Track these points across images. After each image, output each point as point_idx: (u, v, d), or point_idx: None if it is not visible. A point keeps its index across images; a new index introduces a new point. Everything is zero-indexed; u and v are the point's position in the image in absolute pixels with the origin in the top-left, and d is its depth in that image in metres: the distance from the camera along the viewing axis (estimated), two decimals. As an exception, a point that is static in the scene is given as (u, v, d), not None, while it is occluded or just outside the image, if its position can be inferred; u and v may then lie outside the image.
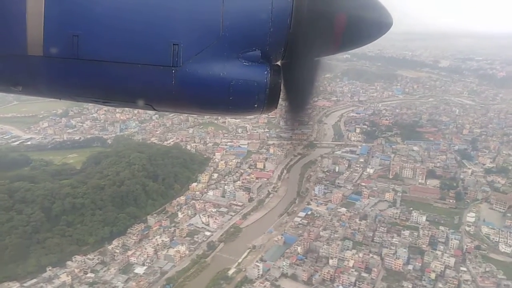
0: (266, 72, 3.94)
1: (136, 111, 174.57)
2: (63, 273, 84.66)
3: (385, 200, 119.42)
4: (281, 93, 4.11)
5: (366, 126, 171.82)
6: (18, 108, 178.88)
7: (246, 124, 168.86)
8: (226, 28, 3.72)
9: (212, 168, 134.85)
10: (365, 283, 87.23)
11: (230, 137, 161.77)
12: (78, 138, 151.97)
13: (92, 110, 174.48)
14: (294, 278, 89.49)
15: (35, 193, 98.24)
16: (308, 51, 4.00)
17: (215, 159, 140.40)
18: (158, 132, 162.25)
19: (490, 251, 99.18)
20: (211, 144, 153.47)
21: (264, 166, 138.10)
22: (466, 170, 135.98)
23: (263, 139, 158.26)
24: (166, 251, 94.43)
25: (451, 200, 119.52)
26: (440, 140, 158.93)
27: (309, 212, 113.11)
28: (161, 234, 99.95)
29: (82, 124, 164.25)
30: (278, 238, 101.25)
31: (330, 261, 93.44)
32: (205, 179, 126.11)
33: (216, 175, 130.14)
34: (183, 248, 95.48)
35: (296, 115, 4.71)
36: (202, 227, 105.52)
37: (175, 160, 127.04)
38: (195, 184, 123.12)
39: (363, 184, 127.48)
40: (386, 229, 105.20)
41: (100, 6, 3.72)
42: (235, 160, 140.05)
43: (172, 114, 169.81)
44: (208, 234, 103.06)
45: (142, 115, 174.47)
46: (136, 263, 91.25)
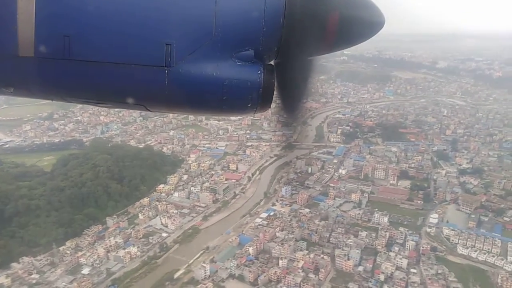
0: (259, 72, 3.92)
1: (121, 113, 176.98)
2: (3, 275, 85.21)
3: (351, 201, 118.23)
4: (274, 92, 4.10)
5: (349, 128, 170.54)
6: (6, 111, 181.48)
7: (228, 126, 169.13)
8: (219, 28, 3.71)
9: (184, 169, 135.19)
10: (309, 284, 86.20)
11: (210, 139, 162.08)
12: (57, 140, 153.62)
13: (77, 113, 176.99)
14: (241, 279, 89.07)
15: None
16: (301, 50, 4.01)
17: (188, 160, 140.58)
18: (139, 134, 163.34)
19: (448, 253, 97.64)
20: (188, 146, 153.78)
21: (236, 168, 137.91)
22: (440, 171, 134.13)
23: (241, 141, 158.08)
24: (116, 252, 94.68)
25: (419, 201, 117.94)
26: (421, 140, 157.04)
27: (271, 213, 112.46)
28: (116, 236, 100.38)
29: (64, 127, 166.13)
30: (232, 239, 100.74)
31: (280, 262, 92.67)
32: (173, 181, 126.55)
33: (186, 177, 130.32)
34: (135, 249, 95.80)
35: (290, 114, 4.71)
36: (160, 229, 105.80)
37: (144, 162, 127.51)
38: (162, 185, 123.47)
39: (332, 185, 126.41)
40: (344, 230, 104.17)
41: (92, 6, 3.67)
42: (209, 161, 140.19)
43: (155, 116, 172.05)
44: (165, 235, 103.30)
45: (126, 118, 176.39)
46: (85, 264, 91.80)
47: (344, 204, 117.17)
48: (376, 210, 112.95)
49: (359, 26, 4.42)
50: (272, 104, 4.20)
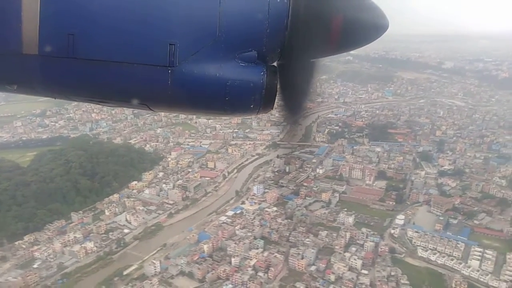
0: (262, 73, 3.90)
1: (113, 111, 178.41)
2: None
3: (321, 201, 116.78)
4: (277, 94, 4.09)
5: (338, 127, 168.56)
6: (3, 108, 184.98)
7: (216, 124, 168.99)
8: (222, 29, 3.70)
9: (161, 167, 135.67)
10: (255, 283, 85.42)
11: (196, 137, 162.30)
12: (45, 137, 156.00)
13: (70, 111, 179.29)
14: (190, 276, 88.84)
15: None
16: (304, 52, 3.98)
17: (168, 158, 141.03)
18: (126, 131, 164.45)
19: (407, 255, 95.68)
20: (172, 144, 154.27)
21: (214, 166, 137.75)
22: (420, 172, 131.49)
23: (226, 139, 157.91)
24: (72, 247, 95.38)
25: (391, 202, 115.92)
26: (408, 141, 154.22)
27: (238, 212, 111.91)
28: (76, 231, 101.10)
29: (55, 123, 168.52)
30: (191, 236, 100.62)
31: (233, 260, 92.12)
32: (148, 178, 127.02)
33: (161, 174, 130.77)
34: (91, 244, 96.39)
35: (292, 116, 4.66)
36: (124, 225, 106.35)
37: (120, 159, 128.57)
38: (135, 182, 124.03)
39: (305, 184, 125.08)
40: (306, 229, 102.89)
41: (96, 5, 3.70)
42: (189, 159, 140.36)
43: (147, 114, 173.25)
44: (126, 231, 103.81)
45: (117, 115, 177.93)
46: (39, 259, 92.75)
47: (313, 204, 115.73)
48: (344, 210, 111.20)
49: (363, 29, 4.38)
50: (274, 106, 4.16)
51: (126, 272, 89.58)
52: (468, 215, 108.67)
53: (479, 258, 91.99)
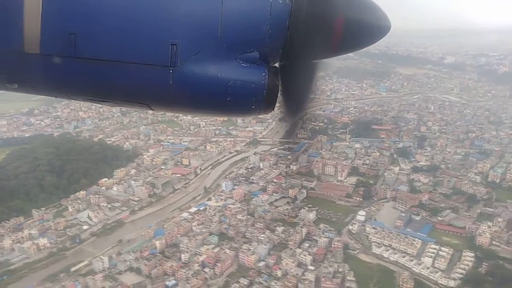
0: (264, 74, 3.93)
1: (101, 109, 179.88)
2: None
3: (288, 197, 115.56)
4: (278, 94, 4.13)
5: (322, 124, 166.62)
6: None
7: (200, 122, 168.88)
8: (224, 29, 3.72)
9: (135, 164, 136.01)
10: (198, 278, 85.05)
11: (178, 134, 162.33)
12: (28, 135, 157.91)
13: (59, 109, 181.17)
14: (138, 271, 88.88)
15: None
16: (306, 53, 4.02)
17: (144, 155, 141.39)
18: (109, 129, 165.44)
19: (361, 252, 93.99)
20: (152, 141, 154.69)
21: (189, 163, 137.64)
22: (394, 168, 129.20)
23: (206, 137, 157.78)
24: (21, 244, 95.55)
25: (358, 198, 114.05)
26: (391, 137, 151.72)
27: (201, 208, 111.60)
28: (33, 228, 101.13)
29: (40, 122, 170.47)
30: (147, 232, 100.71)
31: (183, 255, 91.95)
32: (120, 175, 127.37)
33: (134, 171, 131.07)
34: (45, 241, 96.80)
35: (293, 116, 4.79)
36: (84, 221, 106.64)
37: (93, 156, 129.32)
38: (105, 179, 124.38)
39: (275, 180, 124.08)
40: (264, 225, 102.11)
41: (98, 4, 3.72)
42: (165, 156, 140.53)
43: (134, 112, 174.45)
44: (85, 228, 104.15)
45: (105, 113, 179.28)
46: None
47: (280, 200, 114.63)
48: (309, 206, 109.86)
49: (364, 30, 4.39)
50: (275, 106, 4.19)
51: (76, 268, 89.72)
52: (433, 211, 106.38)
53: (433, 255, 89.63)
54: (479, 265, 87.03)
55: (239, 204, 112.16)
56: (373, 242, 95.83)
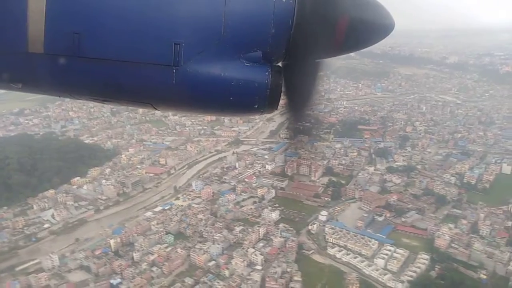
0: (267, 73, 3.92)
1: (92, 109, 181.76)
2: None
3: (256, 196, 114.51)
4: (281, 94, 4.12)
5: (308, 124, 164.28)
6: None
7: (186, 121, 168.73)
8: (228, 29, 3.71)
9: (112, 163, 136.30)
10: (143, 277, 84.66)
11: (163, 134, 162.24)
12: (13, 134, 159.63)
13: (50, 109, 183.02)
14: (87, 270, 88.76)
15: None
16: (309, 52, 4.02)
17: (123, 154, 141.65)
18: (95, 129, 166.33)
19: (316, 252, 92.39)
20: (135, 140, 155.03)
21: (166, 162, 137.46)
22: (369, 168, 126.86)
23: (189, 136, 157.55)
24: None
25: (326, 198, 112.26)
26: (376, 137, 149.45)
27: (166, 207, 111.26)
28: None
29: (29, 122, 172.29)
30: (104, 231, 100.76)
31: (135, 254, 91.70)
32: (94, 174, 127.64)
33: (108, 170, 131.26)
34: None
35: (296, 116, 4.80)
36: (47, 220, 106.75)
37: (67, 155, 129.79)
38: (77, 178, 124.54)
39: (247, 180, 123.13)
40: (224, 224, 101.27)
41: (102, 3, 3.72)
42: (142, 156, 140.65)
43: (124, 112, 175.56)
44: (46, 226, 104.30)
45: (95, 113, 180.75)
46: None
47: (248, 199, 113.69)
48: (275, 205, 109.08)
49: (368, 29, 4.42)
50: (279, 106, 4.20)
51: (23, 266, 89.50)
52: (398, 212, 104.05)
53: (386, 257, 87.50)
54: (432, 268, 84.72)
55: (203, 204, 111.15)
56: (329, 242, 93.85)
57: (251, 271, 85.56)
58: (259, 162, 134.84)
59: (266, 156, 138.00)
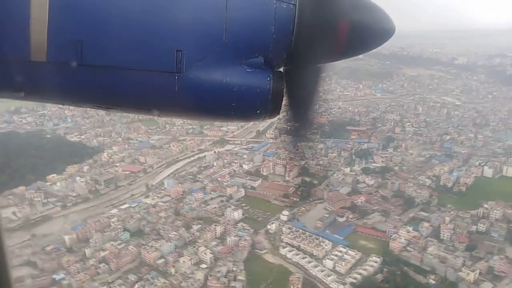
0: (268, 79, 3.88)
1: (89, 109, 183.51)
2: None
3: (225, 195, 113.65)
4: (283, 99, 4.08)
5: (297, 124, 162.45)
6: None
7: (177, 120, 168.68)
8: (229, 35, 3.68)
9: (91, 160, 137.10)
10: (88, 273, 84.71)
11: (151, 132, 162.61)
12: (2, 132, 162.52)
13: (47, 108, 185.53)
14: (34, 266, 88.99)
15: None
16: (311, 57, 3.98)
17: (105, 152, 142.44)
18: (85, 127, 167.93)
19: (269, 252, 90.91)
20: (121, 139, 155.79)
21: (145, 160, 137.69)
22: (344, 169, 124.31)
23: (175, 135, 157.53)
24: None
25: (294, 198, 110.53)
26: (362, 138, 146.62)
27: (133, 205, 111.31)
28: None
29: (22, 120, 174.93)
30: (64, 227, 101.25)
31: (87, 251, 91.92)
32: (71, 171, 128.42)
33: (87, 167, 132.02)
34: None
35: (298, 121, 4.80)
36: (6, 217, 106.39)
37: (46, 153, 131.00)
38: (54, 175, 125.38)
39: (219, 179, 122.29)
40: (183, 223, 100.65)
41: (105, 11, 3.69)
42: (124, 154, 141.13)
43: (119, 112, 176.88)
44: (3, 223, 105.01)
45: (90, 111, 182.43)
46: None
47: (216, 198, 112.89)
48: (242, 205, 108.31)
49: (369, 34, 4.44)
50: (281, 111, 4.18)
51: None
52: (362, 214, 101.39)
53: (335, 258, 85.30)
54: (380, 270, 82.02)
55: (169, 202, 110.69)
56: (283, 242, 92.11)
57: (196, 270, 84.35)
58: (237, 161, 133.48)
59: (245, 156, 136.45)
